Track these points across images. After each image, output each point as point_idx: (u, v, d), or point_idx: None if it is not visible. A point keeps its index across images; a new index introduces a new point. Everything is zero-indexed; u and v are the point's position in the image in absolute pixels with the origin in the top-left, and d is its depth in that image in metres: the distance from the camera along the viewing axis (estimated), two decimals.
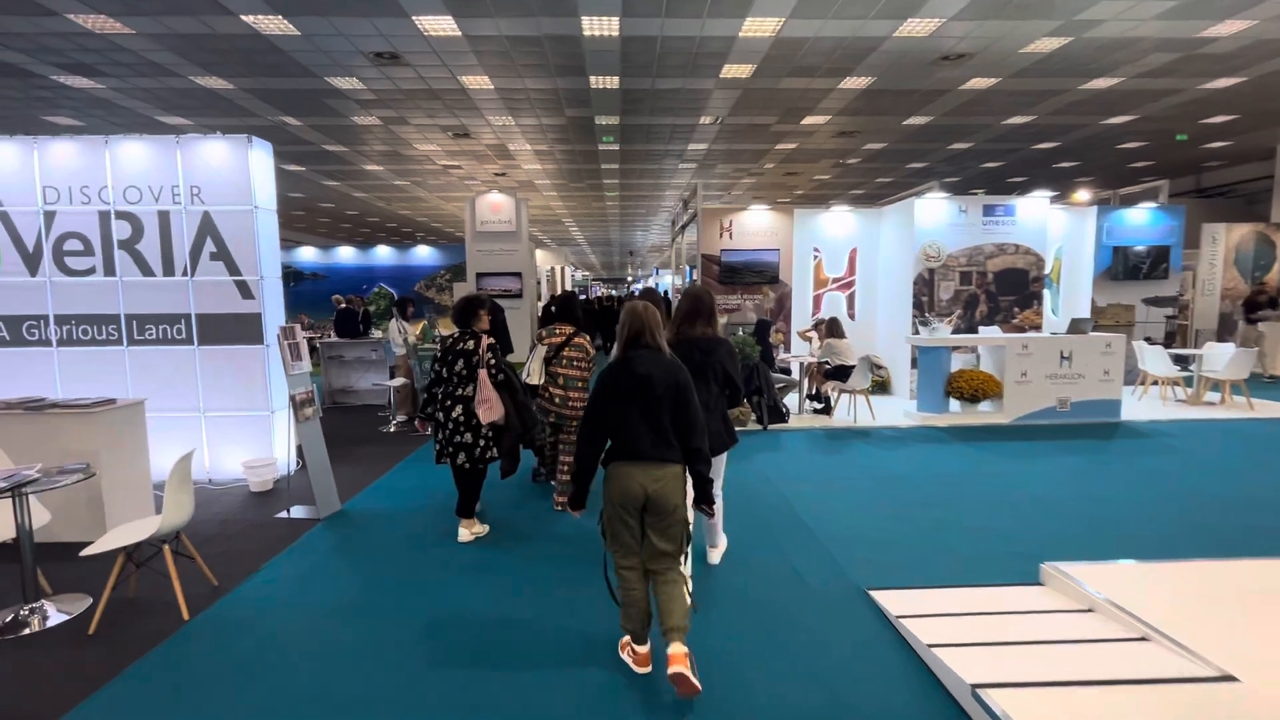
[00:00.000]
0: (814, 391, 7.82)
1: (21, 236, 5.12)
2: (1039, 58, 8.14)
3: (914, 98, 9.74)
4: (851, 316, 9.30)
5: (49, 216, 5.13)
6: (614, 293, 32.90)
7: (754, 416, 6.97)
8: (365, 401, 8.85)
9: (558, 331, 4.62)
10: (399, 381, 7.34)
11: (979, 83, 9.07)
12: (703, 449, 2.66)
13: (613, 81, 9.01)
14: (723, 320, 9.04)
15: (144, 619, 3.26)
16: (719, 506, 3.52)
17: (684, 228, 10.82)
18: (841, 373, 7.29)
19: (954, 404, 7.49)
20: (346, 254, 13.32)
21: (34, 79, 8.66)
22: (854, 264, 9.50)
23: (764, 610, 3.29)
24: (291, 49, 7.83)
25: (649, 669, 2.70)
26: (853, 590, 3.50)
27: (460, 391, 4.03)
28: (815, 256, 9.53)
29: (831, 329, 7.47)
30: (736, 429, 3.74)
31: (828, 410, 7.67)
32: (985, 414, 7.39)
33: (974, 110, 10.31)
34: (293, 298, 12.74)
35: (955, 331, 8.31)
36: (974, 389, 7.19)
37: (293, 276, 12.90)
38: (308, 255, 13.20)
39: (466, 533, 4.18)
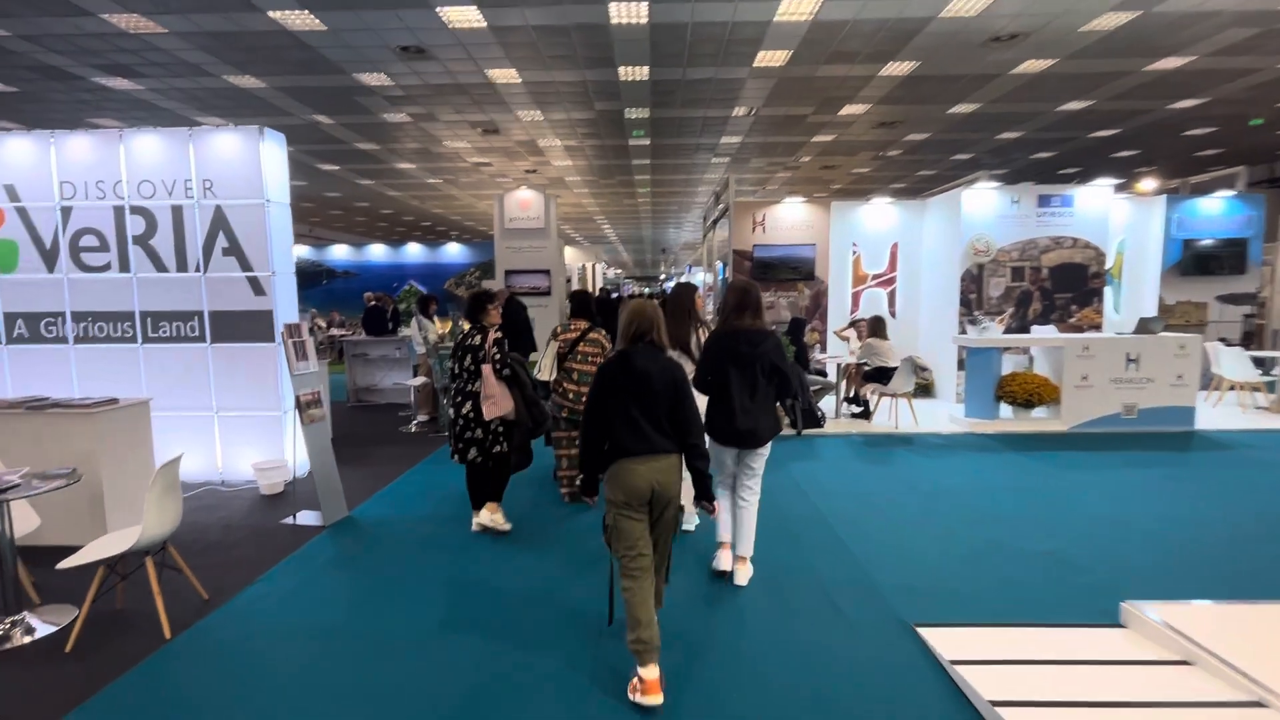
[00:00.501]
0: (852, 394, 7.30)
1: (40, 233, 5.01)
2: (1100, 36, 7.41)
3: (961, 84, 9.07)
4: (892, 315, 8.71)
5: (65, 212, 5.00)
6: (646, 290, 32.53)
7: (787, 421, 6.50)
8: (389, 400, 8.68)
9: (572, 327, 4.55)
10: (419, 381, 7.10)
11: (1032, 65, 8.36)
12: (700, 445, 2.71)
13: (642, 72, 8.62)
14: None
15: (125, 636, 3.02)
16: (755, 500, 3.54)
17: (715, 222, 10.35)
18: (882, 375, 6.74)
19: (1005, 409, 6.87)
20: (378, 252, 13.27)
21: (76, 81, 8.72)
22: (895, 259, 8.90)
23: (794, 650, 2.86)
24: (319, 45, 7.66)
25: (660, 698, 2.45)
26: (897, 626, 3.03)
27: (470, 387, 3.95)
28: (854, 252, 8.96)
29: (874, 328, 6.93)
30: None
31: (866, 415, 7.13)
32: (1040, 421, 6.75)
33: (1026, 96, 9.57)
34: (325, 295, 12.75)
35: (1007, 331, 7.67)
36: (1028, 393, 6.56)
37: (325, 274, 12.90)
38: (340, 253, 13.17)
39: (489, 516, 4.12)
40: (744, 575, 3.46)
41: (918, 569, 3.61)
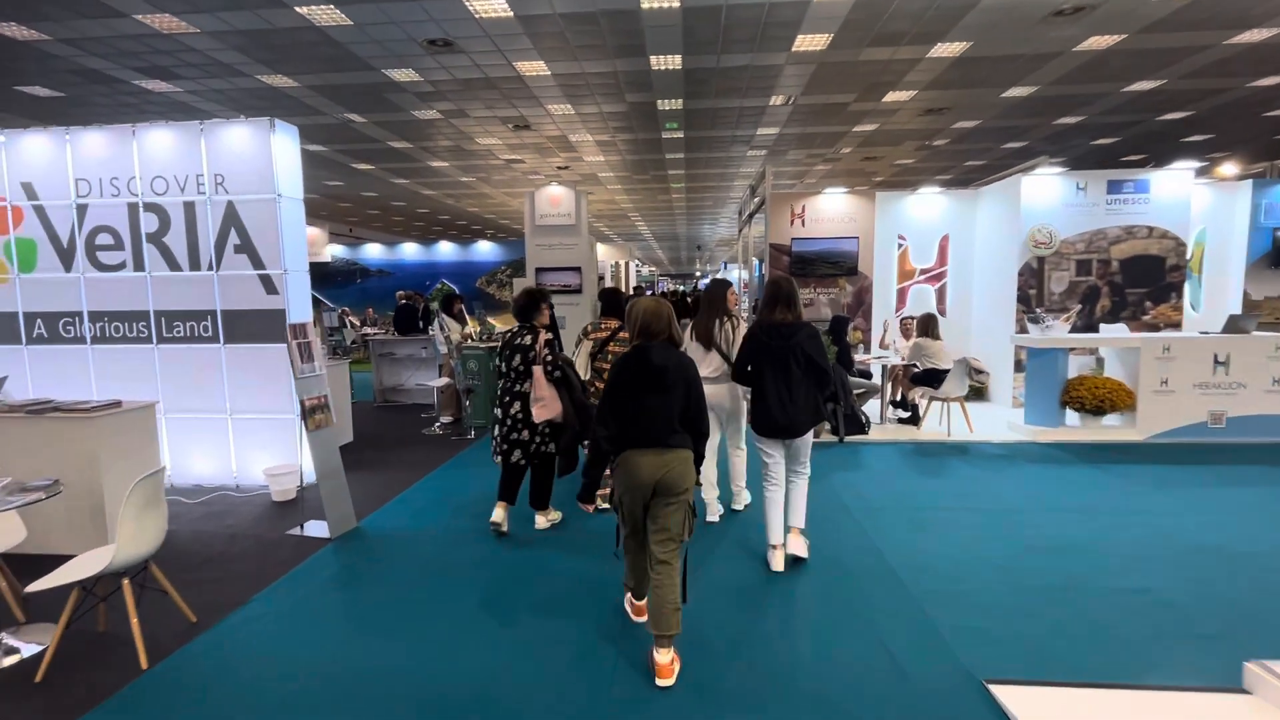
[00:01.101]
0: (898, 398, 6.69)
1: (57, 231, 4.86)
2: (1176, 7, 6.61)
3: (1017, 64, 8.30)
4: (942, 312, 8.02)
5: (81, 210, 4.83)
6: (680, 288, 31.99)
7: (828, 426, 5.96)
8: (416, 400, 8.46)
9: (603, 326, 4.41)
10: (442, 381, 6.81)
11: (1097, 42, 7.57)
12: (705, 431, 2.74)
13: (675, 61, 8.14)
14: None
15: (99, 665, 2.73)
16: (806, 474, 3.56)
17: (751, 216, 9.79)
18: (933, 378, 6.12)
19: (1071, 416, 6.17)
20: (410, 250, 13.13)
21: (118, 84, 8.72)
22: (945, 253, 8.20)
23: (842, 713, 2.38)
24: (346, 40, 7.43)
25: (645, 619, 2.87)
26: (965, 681, 2.52)
27: (519, 387, 3.84)
28: (900, 245, 8.28)
29: (925, 327, 6.29)
30: None
31: (915, 420, 6.51)
32: (1112, 429, 6.03)
33: (1089, 76, 8.72)
34: (359, 293, 12.68)
35: (1074, 330, 6.92)
36: (1098, 399, 5.84)
37: (360, 273, 12.83)
38: (374, 252, 13.08)
39: (542, 519, 4.11)
40: (799, 545, 3.50)
41: (985, 609, 3.07)
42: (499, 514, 3.97)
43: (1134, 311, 7.17)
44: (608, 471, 2.74)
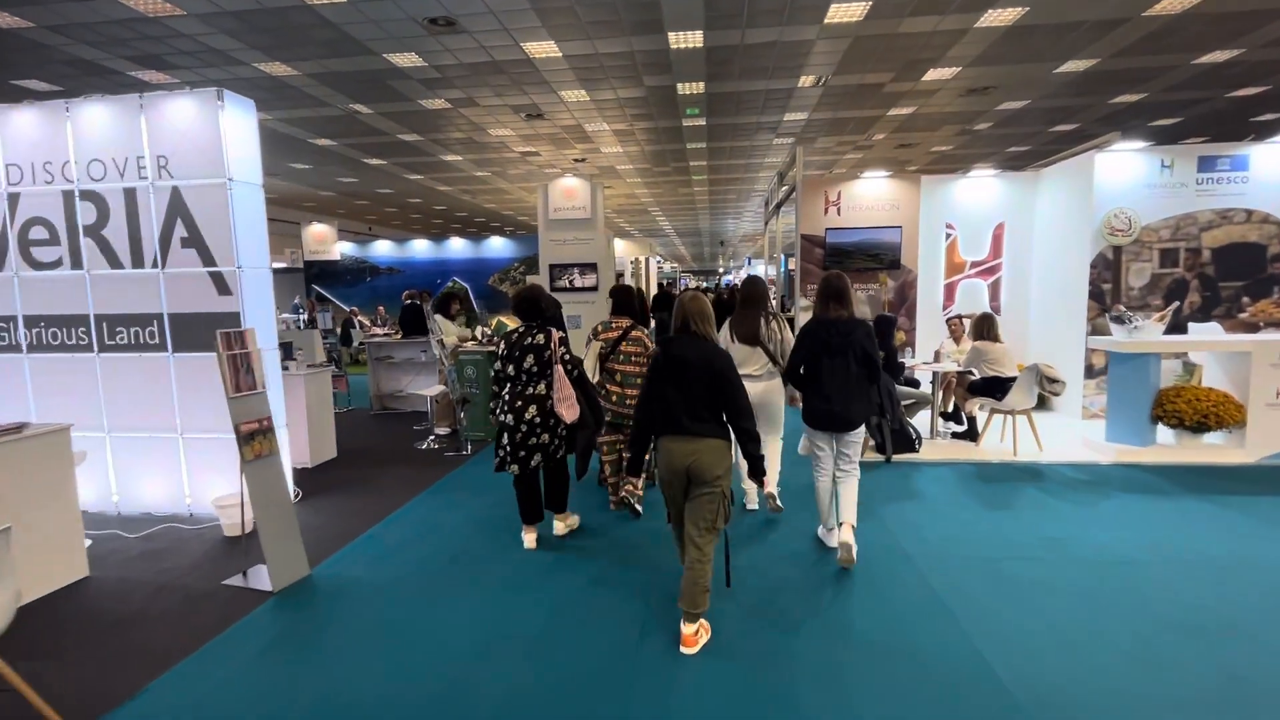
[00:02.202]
0: (951, 409, 5.68)
1: None
2: None
3: (1077, 34, 7.17)
4: (995, 310, 6.94)
5: (13, 200, 4.08)
6: (704, 284, 30.94)
7: (871, 443, 4.98)
8: (416, 408, 7.61)
9: (614, 325, 4.15)
10: (436, 389, 5.98)
11: (1171, 4, 6.43)
12: (750, 429, 2.68)
13: (696, 38, 7.20)
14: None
15: None
16: (854, 470, 3.47)
17: (779, 206, 8.79)
18: (995, 387, 5.09)
19: (1162, 432, 5.10)
20: (421, 247, 12.37)
21: (113, 76, 8.09)
22: (999, 244, 7.08)
23: None
24: (341, 20, 6.66)
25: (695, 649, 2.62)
26: None
27: (531, 390, 3.53)
28: (948, 235, 7.18)
29: (983, 328, 5.24)
30: None
31: (972, 435, 5.47)
32: (1214, 450, 4.94)
33: (1156, 46, 7.54)
34: (369, 292, 11.98)
35: (1168, 332, 5.75)
36: (1201, 414, 4.74)
37: (369, 271, 12.13)
38: (383, 249, 12.36)
39: (561, 524, 3.83)
40: (850, 535, 3.31)
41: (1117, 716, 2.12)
42: (530, 540, 3.66)
43: (1229, 309, 6.00)
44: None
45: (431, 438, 6.16)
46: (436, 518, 4.22)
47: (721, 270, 42.73)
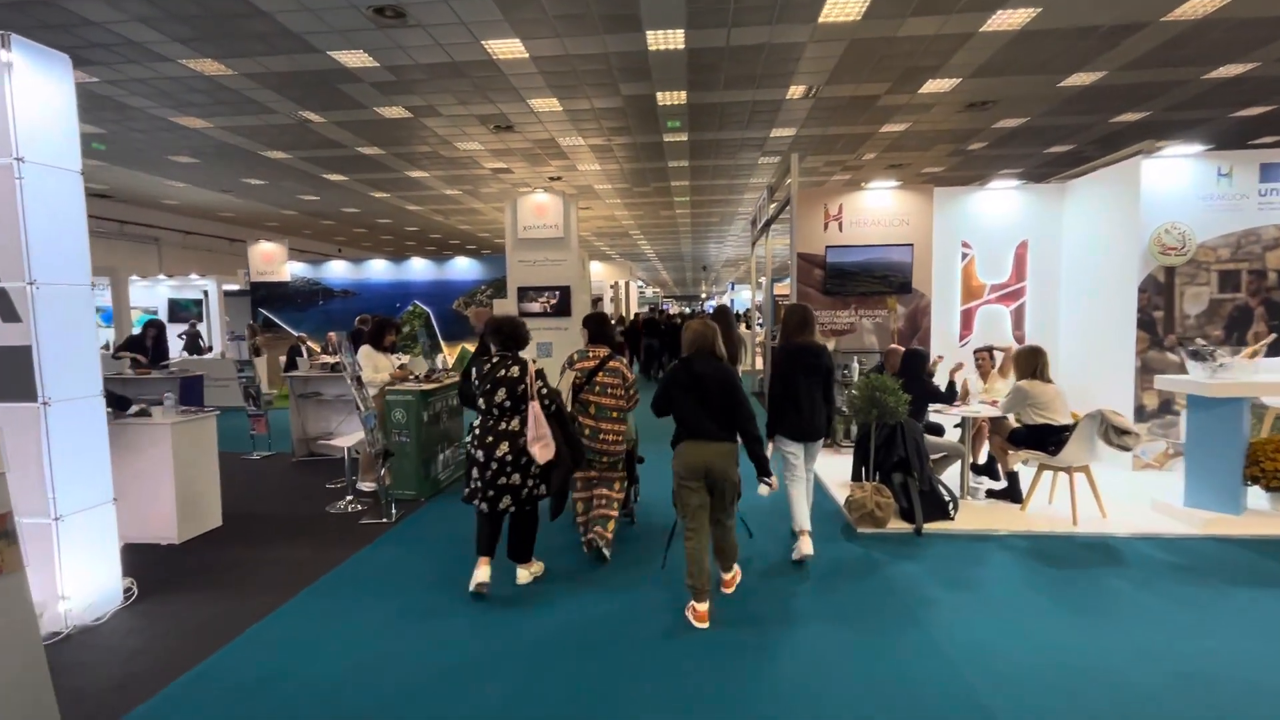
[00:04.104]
0: (983, 463, 4.64)
1: None
2: None
3: (1089, 41, 6.44)
4: (1019, 340, 6.00)
5: None
6: (688, 310, 30.06)
7: (896, 509, 3.93)
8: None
9: (590, 355, 3.87)
10: (353, 438, 4.72)
11: (1195, 7, 5.71)
12: (755, 433, 3.09)
13: (677, 38, 6.33)
14: (831, 344, 5.99)
15: None
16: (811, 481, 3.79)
17: (769, 224, 7.84)
18: (1044, 437, 4.09)
19: (1254, 493, 4.09)
20: (379, 268, 11.24)
21: None
22: (1023, 264, 6.16)
23: None
24: (274, 9, 5.67)
25: (707, 625, 2.93)
26: None
27: (504, 425, 3.27)
28: (964, 254, 6.26)
29: (1031, 365, 4.14)
30: (871, 530, 3.81)
31: (1013, 495, 4.42)
32: None
33: (1169, 58, 6.85)
34: (322, 317, 10.79)
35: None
36: None
37: (322, 294, 10.96)
38: (338, 270, 11.21)
39: (525, 573, 3.49)
40: (807, 543, 3.63)
41: None
42: (483, 574, 3.30)
43: None
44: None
45: (349, 498, 4.87)
46: (327, 629, 3.01)
47: (704, 296, 42.01)
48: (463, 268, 10.97)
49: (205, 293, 12.98)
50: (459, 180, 11.54)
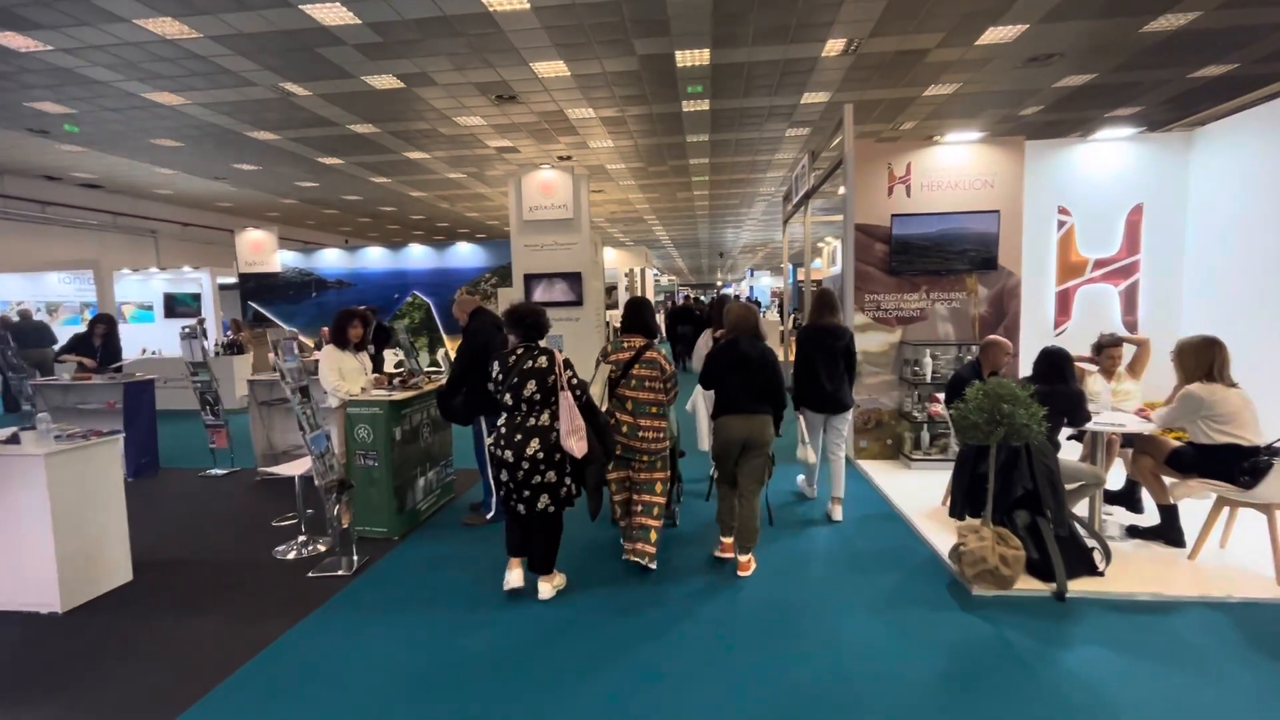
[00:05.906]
0: (1126, 490, 3.53)
1: None
2: None
3: None
4: (1130, 326, 4.85)
5: None
6: (702, 298, 28.90)
7: (1023, 560, 2.82)
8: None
9: (625, 345, 3.45)
10: (302, 466, 3.70)
11: None
12: (783, 403, 3.33)
13: None
14: (896, 334, 4.90)
15: None
16: (842, 453, 4.08)
17: (809, 195, 6.73)
18: (1224, 461, 2.97)
19: None
20: (376, 256, 10.29)
21: None
22: (1136, 234, 4.99)
23: None
24: None
25: (733, 555, 3.37)
26: None
27: (534, 421, 2.96)
28: (1062, 223, 5.09)
29: (1207, 363, 2.98)
30: (993, 591, 2.93)
31: (1170, 536, 3.27)
32: None
33: None
34: (316, 309, 9.89)
35: None
36: None
37: (315, 285, 10.04)
38: (331, 259, 10.27)
39: (548, 587, 3.11)
40: (839, 512, 4.02)
41: None
42: (515, 577, 3.09)
43: None
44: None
45: (302, 538, 3.75)
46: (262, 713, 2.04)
47: (720, 284, 40.78)
48: (465, 254, 10.00)
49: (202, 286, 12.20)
50: (462, 162, 10.54)
